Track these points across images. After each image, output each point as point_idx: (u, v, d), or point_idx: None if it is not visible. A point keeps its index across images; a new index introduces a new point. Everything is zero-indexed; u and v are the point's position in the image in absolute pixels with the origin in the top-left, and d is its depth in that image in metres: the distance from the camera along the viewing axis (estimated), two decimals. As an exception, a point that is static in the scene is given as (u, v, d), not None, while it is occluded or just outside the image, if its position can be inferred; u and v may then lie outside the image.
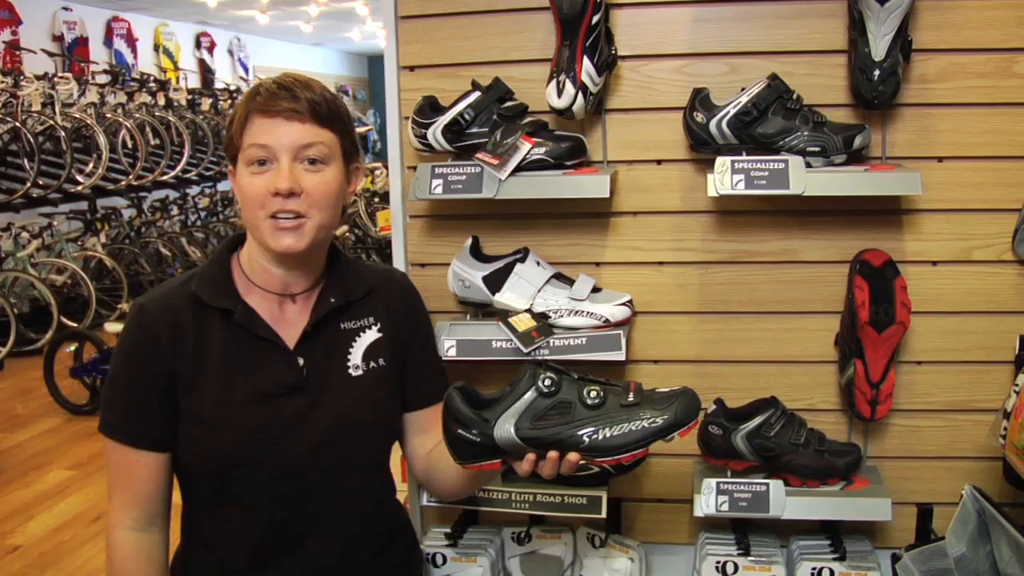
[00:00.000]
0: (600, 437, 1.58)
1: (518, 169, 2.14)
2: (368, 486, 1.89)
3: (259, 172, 1.69)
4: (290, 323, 1.81)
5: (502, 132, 2.17)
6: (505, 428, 1.59)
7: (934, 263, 2.28)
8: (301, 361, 1.79)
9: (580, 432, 1.59)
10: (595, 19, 2.10)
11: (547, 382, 1.61)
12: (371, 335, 1.88)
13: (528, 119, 2.21)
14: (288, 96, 1.68)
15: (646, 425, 1.58)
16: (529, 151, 2.15)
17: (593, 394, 1.60)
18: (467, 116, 2.19)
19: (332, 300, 1.84)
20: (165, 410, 1.74)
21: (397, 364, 1.92)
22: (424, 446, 1.96)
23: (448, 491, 1.95)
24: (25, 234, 8.29)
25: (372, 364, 1.87)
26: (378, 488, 1.93)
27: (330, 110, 1.73)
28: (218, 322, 1.76)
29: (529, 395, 1.60)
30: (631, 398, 1.62)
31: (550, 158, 2.17)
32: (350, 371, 1.84)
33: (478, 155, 2.16)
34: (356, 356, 1.86)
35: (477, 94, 2.20)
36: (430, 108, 2.23)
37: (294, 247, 1.71)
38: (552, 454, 1.62)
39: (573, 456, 1.61)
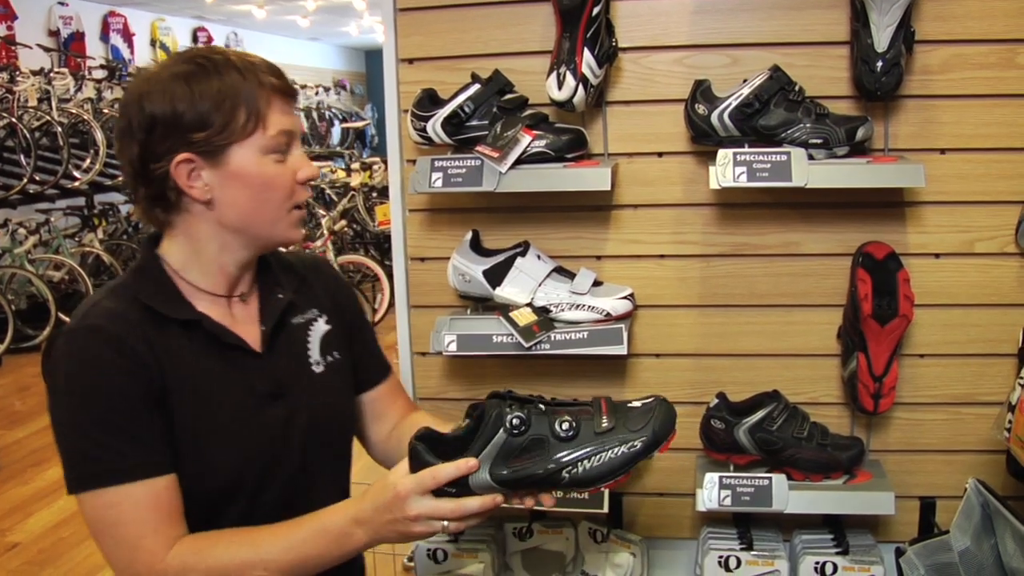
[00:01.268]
0: (580, 471, 1.51)
1: (518, 162, 2.12)
2: (340, 480, 1.84)
3: (282, 160, 1.61)
4: (242, 326, 1.70)
5: (502, 125, 2.16)
6: (480, 476, 1.50)
7: (936, 256, 2.27)
8: (272, 364, 1.70)
9: (559, 470, 1.50)
10: (596, 10, 2.08)
11: (515, 422, 1.50)
12: (321, 327, 1.81)
13: (528, 111, 2.19)
14: (285, 76, 1.62)
15: (625, 451, 1.51)
16: (529, 144, 2.13)
17: (565, 426, 1.51)
18: (467, 109, 2.17)
19: (281, 296, 1.75)
20: (164, 426, 1.54)
21: (348, 352, 1.86)
22: (380, 433, 1.95)
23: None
24: (22, 230, 8.26)
25: (329, 358, 1.80)
26: (346, 479, 1.88)
27: None
28: (180, 336, 1.59)
29: (499, 437, 1.50)
30: (605, 423, 1.53)
31: (551, 151, 2.15)
32: (312, 368, 1.76)
33: (478, 148, 2.15)
34: (315, 352, 1.78)
35: (477, 86, 2.19)
36: (429, 101, 2.22)
37: (303, 236, 1.69)
38: (528, 500, 1.56)
39: (548, 500, 1.56)
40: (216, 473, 1.60)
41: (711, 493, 2.19)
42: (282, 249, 1.84)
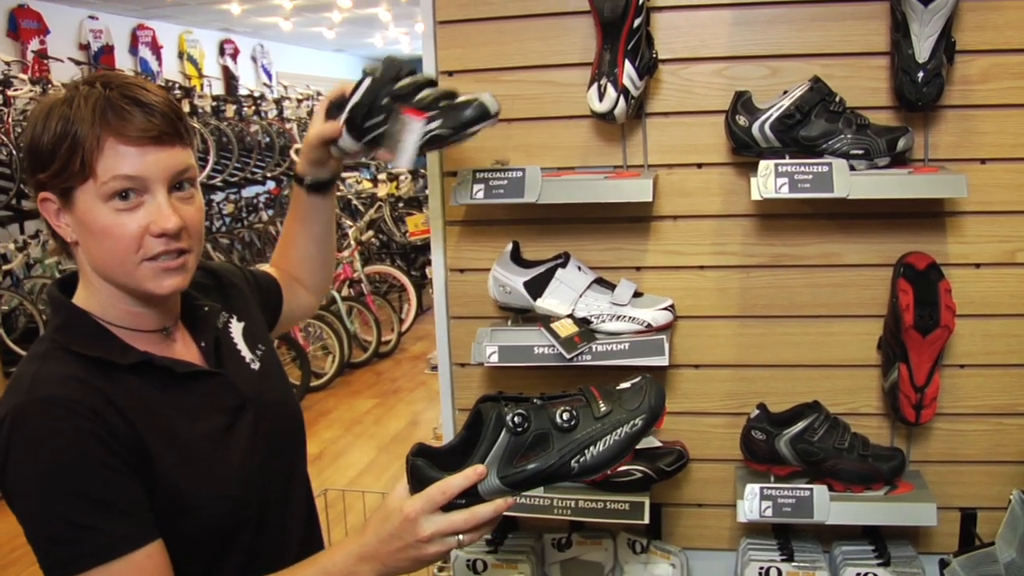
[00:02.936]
0: (588, 458, 1.50)
1: (548, 172, 2.12)
2: (307, 484, 1.82)
3: (126, 208, 1.45)
4: (184, 350, 1.63)
5: (392, 117, 1.87)
6: (490, 481, 1.47)
7: (977, 266, 2.26)
8: (228, 376, 1.64)
9: (568, 459, 1.49)
10: (636, 22, 2.09)
11: (517, 420, 1.48)
12: (236, 325, 1.75)
13: (429, 91, 1.89)
14: (151, 115, 1.45)
15: (628, 431, 1.51)
16: (426, 128, 1.84)
17: (566, 416, 1.50)
18: (362, 107, 1.87)
19: (207, 308, 1.69)
20: (144, 489, 1.44)
21: (267, 333, 1.86)
22: (297, 294, 2.06)
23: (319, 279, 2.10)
24: (52, 242, 8.33)
25: (259, 351, 1.75)
26: (309, 485, 1.85)
27: (183, 119, 1.52)
28: (134, 382, 1.49)
29: (502, 439, 1.48)
30: (603, 407, 1.52)
31: (449, 129, 1.85)
32: (251, 366, 1.72)
33: (379, 154, 1.93)
34: (245, 351, 1.72)
35: (368, 80, 1.88)
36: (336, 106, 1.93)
37: (180, 286, 1.54)
38: None
39: None
40: (217, 504, 1.53)
41: (752, 504, 2.18)
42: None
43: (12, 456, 1.39)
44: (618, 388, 1.58)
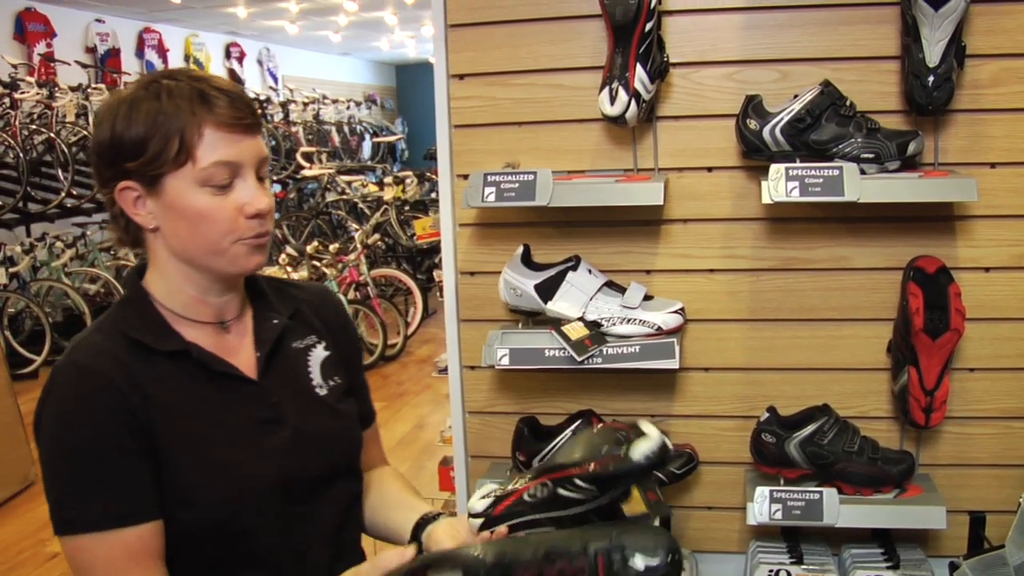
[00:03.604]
0: None
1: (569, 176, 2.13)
2: (355, 509, 1.77)
3: (221, 193, 1.52)
4: (235, 353, 1.64)
5: None
6: None
7: (987, 269, 2.27)
8: (268, 390, 1.63)
9: None
10: (648, 26, 2.10)
11: None
12: (320, 352, 1.75)
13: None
14: (237, 104, 1.52)
15: None
16: None
17: None
18: None
19: (276, 321, 1.70)
20: (151, 471, 1.48)
21: (348, 382, 1.80)
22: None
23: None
24: (59, 244, 8.34)
25: (331, 382, 1.73)
26: (359, 507, 1.79)
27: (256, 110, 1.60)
28: (169, 367, 1.54)
29: None
30: None
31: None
32: (316, 391, 1.70)
33: None
34: (316, 375, 1.72)
35: None
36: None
37: (262, 264, 1.60)
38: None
39: None
40: (216, 505, 1.52)
41: (762, 507, 2.19)
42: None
43: (44, 416, 1.48)
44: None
